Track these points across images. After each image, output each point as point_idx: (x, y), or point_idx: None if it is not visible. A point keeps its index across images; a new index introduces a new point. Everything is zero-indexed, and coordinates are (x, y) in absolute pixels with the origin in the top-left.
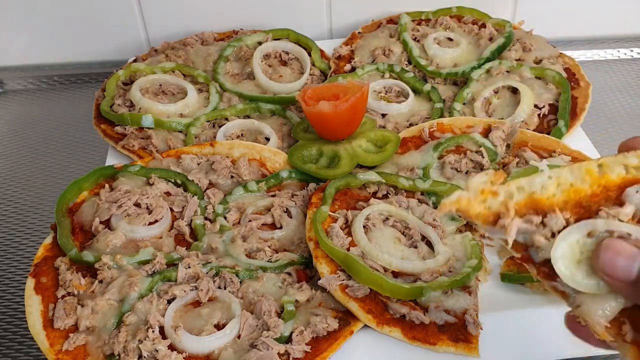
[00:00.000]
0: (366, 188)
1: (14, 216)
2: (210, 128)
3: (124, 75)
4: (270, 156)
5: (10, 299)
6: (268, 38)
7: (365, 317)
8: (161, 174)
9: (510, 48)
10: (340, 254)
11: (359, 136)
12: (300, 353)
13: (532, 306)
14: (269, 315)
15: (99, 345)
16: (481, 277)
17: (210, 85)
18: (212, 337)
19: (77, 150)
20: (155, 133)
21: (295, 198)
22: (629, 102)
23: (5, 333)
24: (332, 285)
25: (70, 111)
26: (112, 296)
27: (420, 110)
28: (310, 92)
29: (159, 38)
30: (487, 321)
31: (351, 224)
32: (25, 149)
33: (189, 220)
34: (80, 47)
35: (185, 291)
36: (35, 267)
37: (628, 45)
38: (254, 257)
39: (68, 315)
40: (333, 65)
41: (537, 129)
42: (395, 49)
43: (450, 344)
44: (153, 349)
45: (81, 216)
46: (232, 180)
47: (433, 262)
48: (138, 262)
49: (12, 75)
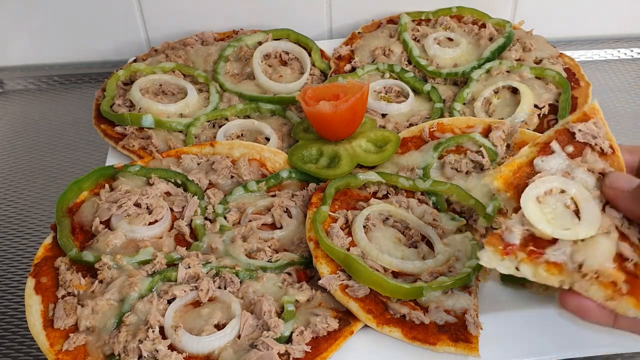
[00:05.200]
0: (366, 188)
1: (14, 216)
2: (210, 128)
3: (124, 75)
4: (270, 156)
5: (10, 299)
6: (268, 38)
7: (365, 317)
8: (161, 174)
9: (510, 48)
10: (340, 254)
11: (359, 136)
12: (300, 353)
13: (532, 306)
14: (269, 315)
15: (99, 345)
16: (481, 277)
17: (210, 85)
18: (212, 337)
19: (77, 150)
20: (155, 133)
21: (295, 198)
22: (629, 102)
23: (5, 333)
24: (332, 285)
25: (70, 111)
26: (112, 296)
27: (420, 110)
28: (310, 92)
29: (159, 38)
30: (487, 321)
31: (351, 224)
32: (25, 149)
33: (189, 220)
34: (80, 47)
35: (185, 291)
36: (35, 267)
37: (628, 45)
38: (254, 257)
39: (68, 315)
40: (333, 65)
41: (537, 129)
42: (395, 49)
43: (450, 344)
44: (153, 349)
45: (81, 216)
46: (232, 180)
47: (433, 262)
48: (138, 262)
49: (12, 75)
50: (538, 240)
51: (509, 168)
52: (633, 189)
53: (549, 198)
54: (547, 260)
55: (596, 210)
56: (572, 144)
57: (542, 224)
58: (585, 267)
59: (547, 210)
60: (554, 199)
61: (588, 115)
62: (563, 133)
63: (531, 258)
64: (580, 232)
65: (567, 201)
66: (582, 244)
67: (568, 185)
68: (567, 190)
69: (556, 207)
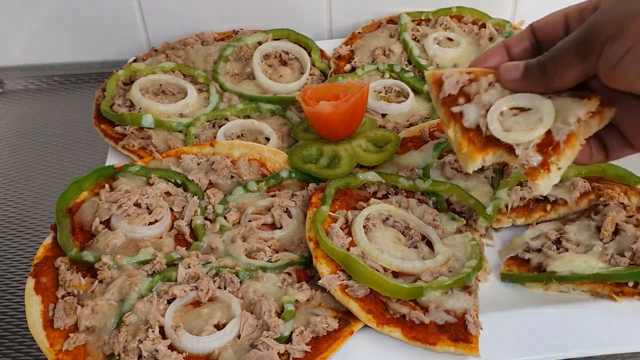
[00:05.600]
0: (366, 188)
1: (14, 216)
2: (210, 128)
3: (124, 75)
4: (270, 156)
5: (10, 299)
6: (268, 38)
7: (365, 317)
8: (161, 174)
9: None
10: (340, 254)
11: (359, 136)
12: (300, 353)
13: (532, 306)
14: (269, 315)
15: (99, 345)
16: (481, 277)
17: (210, 85)
18: (212, 337)
19: (77, 150)
20: (155, 133)
21: (295, 198)
22: None
23: (5, 333)
24: (332, 285)
25: (70, 111)
26: (112, 296)
27: (420, 110)
28: (310, 92)
29: (159, 38)
30: (487, 321)
31: (351, 224)
32: (25, 149)
33: (189, 220)
34: (80, 47)
35: (185, 291)
36: (35, 267)
37: None
38: (254, 257)
39: (68, 315)
40: (333, 65)
41: None
42: (395, 49)
43: (450, 343)
44: (153, 349)
45: (81, 216)
46: (232, 180)
47: (433, 262)
48: (138, 262)
49: (12, 75)
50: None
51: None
52: (521, 74)
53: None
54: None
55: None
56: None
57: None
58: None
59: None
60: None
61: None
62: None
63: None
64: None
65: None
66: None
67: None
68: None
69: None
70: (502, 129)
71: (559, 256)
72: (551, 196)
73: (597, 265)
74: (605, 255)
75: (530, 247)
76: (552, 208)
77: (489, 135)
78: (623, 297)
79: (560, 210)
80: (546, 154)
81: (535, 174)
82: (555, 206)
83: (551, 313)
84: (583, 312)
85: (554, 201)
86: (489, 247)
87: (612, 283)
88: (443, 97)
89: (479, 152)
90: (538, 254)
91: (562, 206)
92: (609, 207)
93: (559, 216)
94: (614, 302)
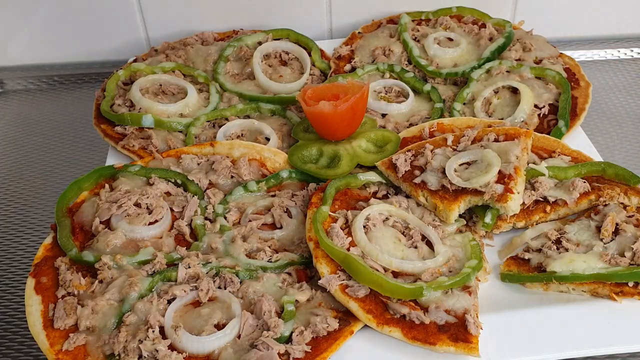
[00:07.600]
0: (366, 188)
1: (14, 216)
2: (210, 128)
3: (124, 75)
4: (270, 156)
5: (10, 299)
6: (268, 38)
7: (365, 317)
8: (161, 174)
9: (510, 48)
10: (340, 254)
11: (359, 136)
12: (300, 353)
13: (532, 306)
14: (269, 315)
15: (99, 345)
16: (481, 277)
17: (211, 85)
18: (212, 337)
19: (77, 150)
20: (155, 133)
21: (295, 198)
22: (629, 102)
23: (5, 333)
24: (332, 285)
25: (70, 111)
26: (112, 296)
27: (420, 110)
28: (310, 92)
29: (159, 38)
30: (487, 321)
31: (351, 224)
32: (26, 149)
33: (189, 220)
34: (80, 47)
35: (185, 291)
36: (35, 267)
37: (628, 45)
38: (254, 257)
39: (68, 315)
40: (333, 65)
41: (537, 129)
42: (395, 49)
43: (450, 343)
44: (153, 349)
45: (81, 216)
46: (232, 180)
47: (433, 262)
48: (138, 262)
49: (12, 75)
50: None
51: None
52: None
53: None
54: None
55: None
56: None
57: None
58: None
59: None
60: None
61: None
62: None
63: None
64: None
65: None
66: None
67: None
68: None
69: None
70: (463, 180)
71: (559, 256)
72: (551, 197)
73: (597, 265)
74: (605, 255)
75: (530, 247)
76: (552, 209)
77: (455, 189)
78: (623, 297)
79: (560, 211)
80: (505, 182)
81: (504, 198)
82: (555, 207)
83: (551, 313)
84: (583, 312)
85: (554, 202)
86: (489, 247)
87: (612, 283)
88: (402, 175)
89: (453, 204)
90: (538, 254)
91: (562, 207)
92: (609, 207)
93: (559, 217)
94: (614, 302)
